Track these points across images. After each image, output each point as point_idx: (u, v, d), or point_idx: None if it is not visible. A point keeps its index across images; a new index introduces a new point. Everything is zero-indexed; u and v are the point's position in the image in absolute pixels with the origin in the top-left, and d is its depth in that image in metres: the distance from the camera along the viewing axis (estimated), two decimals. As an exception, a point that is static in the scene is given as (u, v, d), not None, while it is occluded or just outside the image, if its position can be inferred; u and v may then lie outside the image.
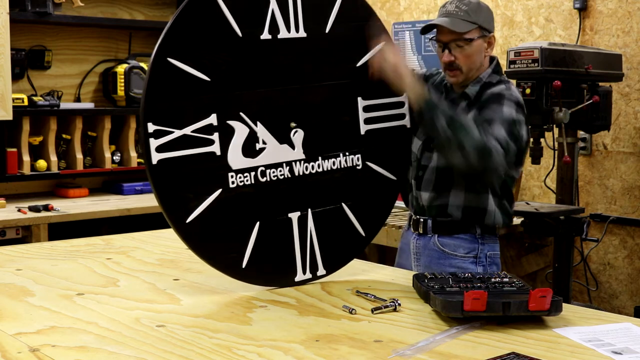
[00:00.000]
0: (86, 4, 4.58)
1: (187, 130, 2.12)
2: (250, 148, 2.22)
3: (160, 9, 4.99)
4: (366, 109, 2.43)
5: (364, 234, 2.43)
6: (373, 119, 2.45)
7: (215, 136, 2.16)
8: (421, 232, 2.63)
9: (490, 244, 2.62)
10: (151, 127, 2.07)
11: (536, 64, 3.45)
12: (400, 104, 2.51)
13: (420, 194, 2.64)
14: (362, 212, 2.42)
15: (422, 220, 2.64)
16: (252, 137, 2.23)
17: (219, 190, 2.17)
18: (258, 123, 2.23)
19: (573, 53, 3.57)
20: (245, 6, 2.22)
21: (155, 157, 2.07)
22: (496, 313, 1.89)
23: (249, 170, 2.22)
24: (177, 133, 2.11)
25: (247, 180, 2.22)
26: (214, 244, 2.19)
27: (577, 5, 4.13)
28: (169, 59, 2.09)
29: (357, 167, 2.41)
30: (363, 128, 2.43)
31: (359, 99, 2.42)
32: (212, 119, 2.16)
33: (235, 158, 2.20)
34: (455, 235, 2.61)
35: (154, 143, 2.07)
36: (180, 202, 2.12)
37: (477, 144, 2.32)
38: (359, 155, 2.42)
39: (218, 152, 2.17)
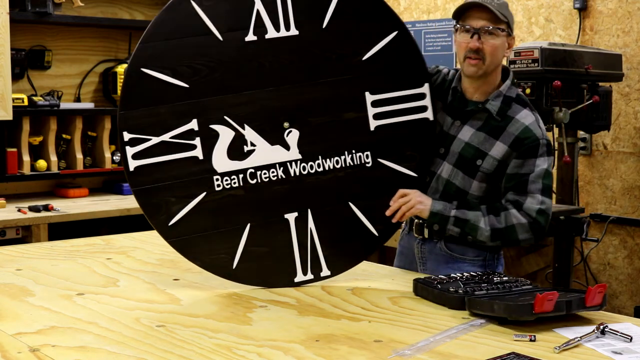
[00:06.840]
0: (86, 4, 4.57)
1: (166, 137, 2.15)
2: (237, 151, 2.22)
3: (160, 9, 4.98)
4: (375, 103, 2.35)
5: (377, 234, 2.37)
6: (385, 113, 2.36)
7: (197, 141, 2.18)
8: (426, 236, 2.52)
9: (497, 246, 2.49)
10: (127, 136, 2.12)
11: (536, 64, 3.45)
12: (421, 96, 2.40)
13: None
14: (376, 212, 2.35)
15: (426, 224, 2.50)
16: (238, 140, 2.23)
17: (204, 194, 2.19)
18: (245, 126, 2.23)
19: (573, 53, 3.57)
20: (226, 10, 2.21)
21: (132, 164, 2.13)
22: (560, 312, 1.90)
23: (236, 172, 2.22)
24: (155, 140, 2.14)
25: (234, 183, 2.22)
26: (201, 245, 2.20)
27: (577, 5, 4.12)
28: (143, 69, 2.12)
29: (367, 165, 2.35)
30: (372, 124, 2.35)
31: (367, 93, 2.34)
32: (193, 124, 2.18)
33: (221, 161, 2.21)
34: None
35: (130, 151, 2.12)
36: (162, 206, 2.16)
37: (488, 236, 2.36)
38: (368, 153, 2.35)
39: (201, 157, 2.19)
